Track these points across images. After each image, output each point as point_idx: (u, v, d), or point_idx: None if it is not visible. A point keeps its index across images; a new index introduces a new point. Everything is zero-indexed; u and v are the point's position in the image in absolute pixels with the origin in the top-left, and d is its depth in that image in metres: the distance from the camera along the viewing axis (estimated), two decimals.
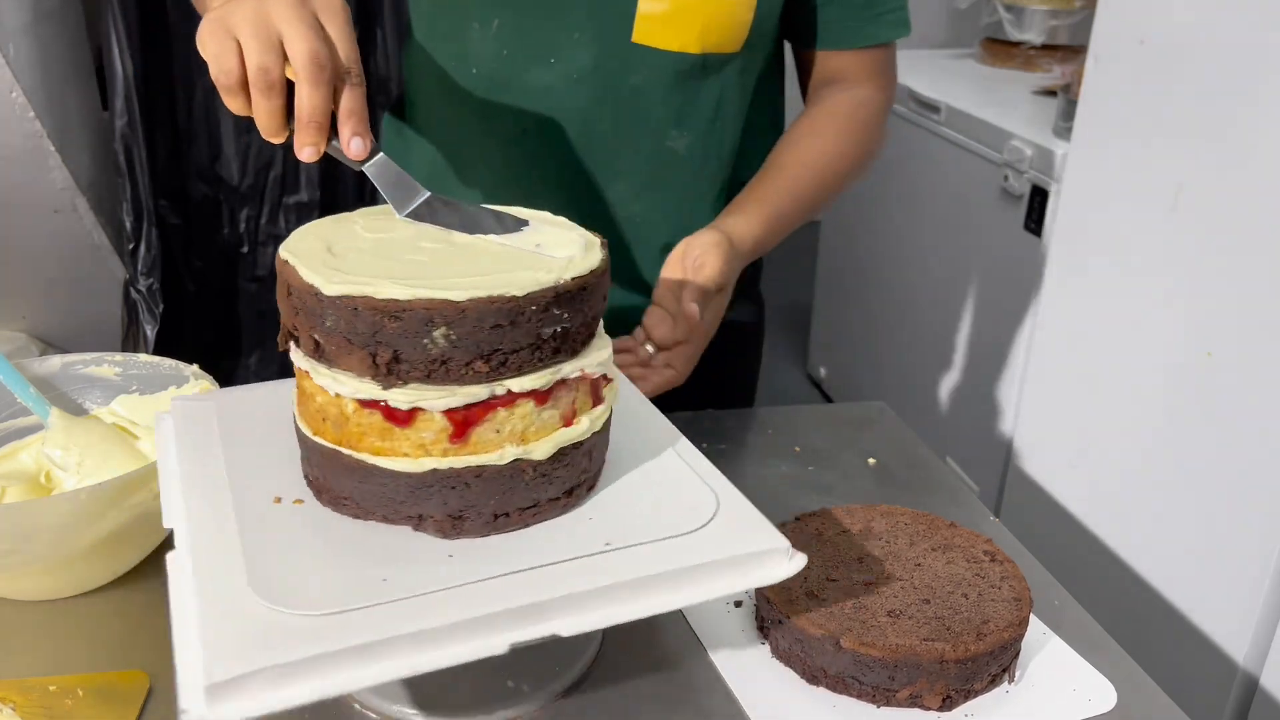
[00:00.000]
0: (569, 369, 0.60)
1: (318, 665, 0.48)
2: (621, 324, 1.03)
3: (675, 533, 0.60)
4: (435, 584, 0.54)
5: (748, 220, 0.91)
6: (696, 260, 0.86)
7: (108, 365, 0.84)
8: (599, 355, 0.62)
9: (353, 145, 0.64)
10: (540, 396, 0.59)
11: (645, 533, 0.60)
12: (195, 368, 0.82)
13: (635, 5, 0.88)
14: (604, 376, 0.63)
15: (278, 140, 0.64)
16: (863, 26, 0.98)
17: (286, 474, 0.64)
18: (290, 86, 0.62)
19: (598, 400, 0.63)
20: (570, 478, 0.62)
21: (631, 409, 0.72)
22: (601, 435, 0.64)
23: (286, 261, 0.60)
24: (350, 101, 0.63)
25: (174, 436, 0.68)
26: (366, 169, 0.65)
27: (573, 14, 0.89)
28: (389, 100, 1.52)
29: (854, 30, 0.98)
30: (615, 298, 0.98)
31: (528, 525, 0.61)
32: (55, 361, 0.84)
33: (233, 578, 0.54)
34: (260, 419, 0.69)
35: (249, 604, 0.52)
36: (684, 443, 0.69)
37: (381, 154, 0.66)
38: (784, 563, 0.59)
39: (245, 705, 0.46)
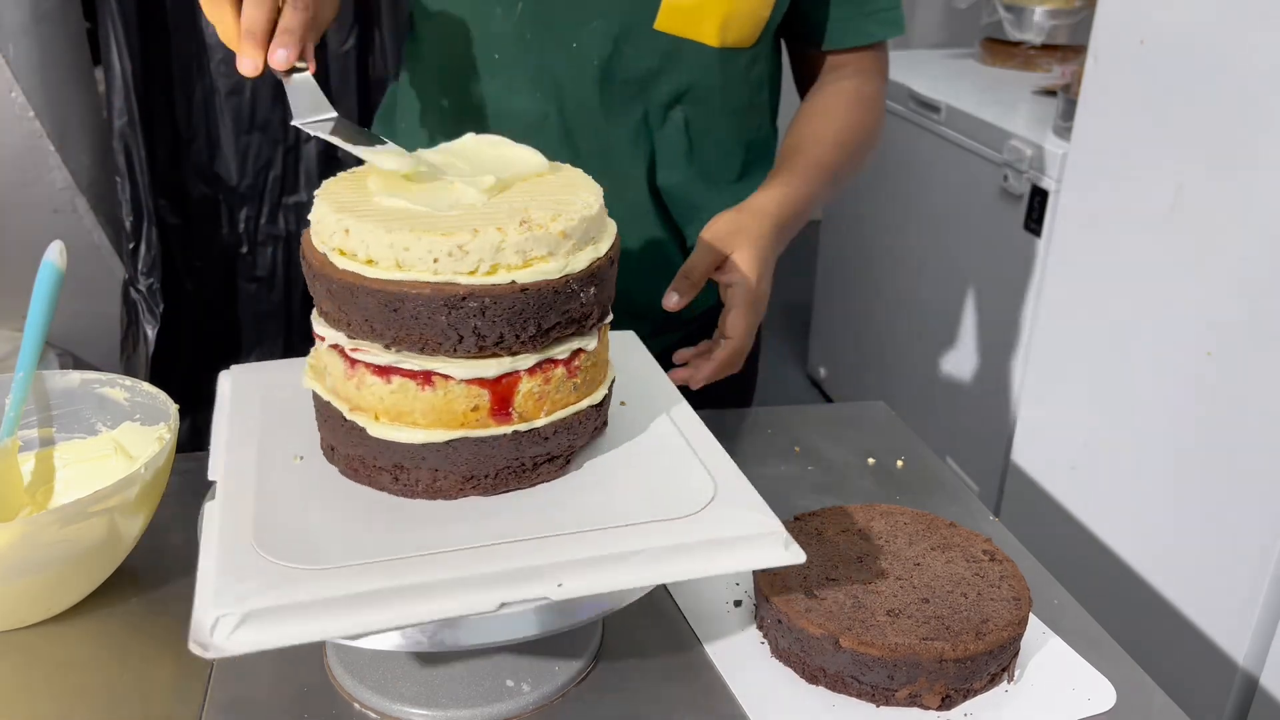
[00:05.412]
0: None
1: (310, 610, 0.53)
2: (628, 305, 1.03)
3: (674, 514, 0.61)
4: (436, 545, 0.58)
5: (776, 192, 0.92)
6: (724, 243, 0.87)
7: (119, 388, 0.84)
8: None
9: (275, 55, 0.68)
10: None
11: (642, 509, 0.62)
12: (175, 409, 0.81)
13: None
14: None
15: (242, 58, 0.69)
16: (862, 25, 1.01)
17: (303, 433, 0.69)
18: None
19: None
20: (566, 442, 0.65)
21: (641, 375, 0.77)
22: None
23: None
24: (285, 20, 0.69)
25: (229, 398, 0.74)
26: (286, 83, 0.70)
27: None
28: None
29: (854, 29, 1.01)
30: (621, 278, 0.99)
31: (511, 489, 0.64)
32: (75, 377, 0.84)
33: (243, 530, 0.58)
34: (297, 387, 0.72)
35: (256, 556, 0.56)
36: (687, 411, 0.72)
37: (308, 74, 0.71)
38: (780, 550, 0.60)
39: (239, 641, 0.51)
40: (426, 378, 0.60)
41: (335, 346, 0.63)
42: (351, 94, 1.84)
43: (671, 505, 0.62)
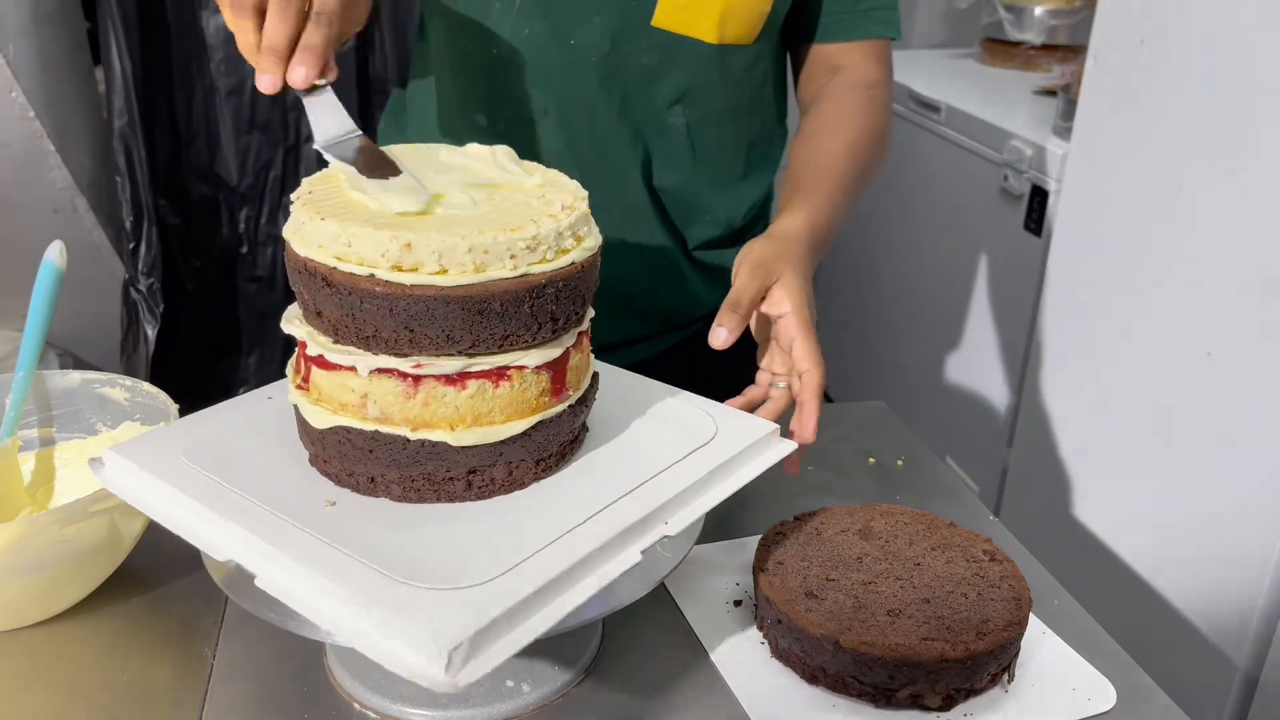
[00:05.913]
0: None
1: (515, 616, 0.54)
2: (630, 306, 1.03)
3: (701, 443, 0.69)
4: (557, 526, 0.60)
5: (802, 214, 0.89)
6: (766, 271, 0.83)
7: (119, 388, 0.84)
8: None
9: (295, 73, 0.67)
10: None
11: (675, 449, 0.68)
12: (176, 408, 0.80)
13: None
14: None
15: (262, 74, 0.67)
16: (858, 21, 1.00)
17: (305, 480, 0.65)
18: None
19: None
20: (593, 404, 0.71)
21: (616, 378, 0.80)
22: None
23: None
24: (307, 36, 0.67)
25: (144, 481, 0.65)
26: (306, 102, 0.68)
27: None
28: (387, 100, 1.52)
29: (849, 24, 1.00)
30: (621, 278, 0.97)
31: (564, 467, 0.68)
32: (75, 377, 0.84)
33: (368, 574, 0.56)
34: (230, 439, 0.68)
35: (423, 591, 0.55)
36: (649, 381, 0.78)
37: (329, 90, 0.69)
38: (783, 446, 0.72)
39: (476, 667, 0.52)
40: (500, 373, 0.62)
41: (386, 370, 0.61)
42: (351, 94, 1.84)
43: (694, 439, 0.69)
